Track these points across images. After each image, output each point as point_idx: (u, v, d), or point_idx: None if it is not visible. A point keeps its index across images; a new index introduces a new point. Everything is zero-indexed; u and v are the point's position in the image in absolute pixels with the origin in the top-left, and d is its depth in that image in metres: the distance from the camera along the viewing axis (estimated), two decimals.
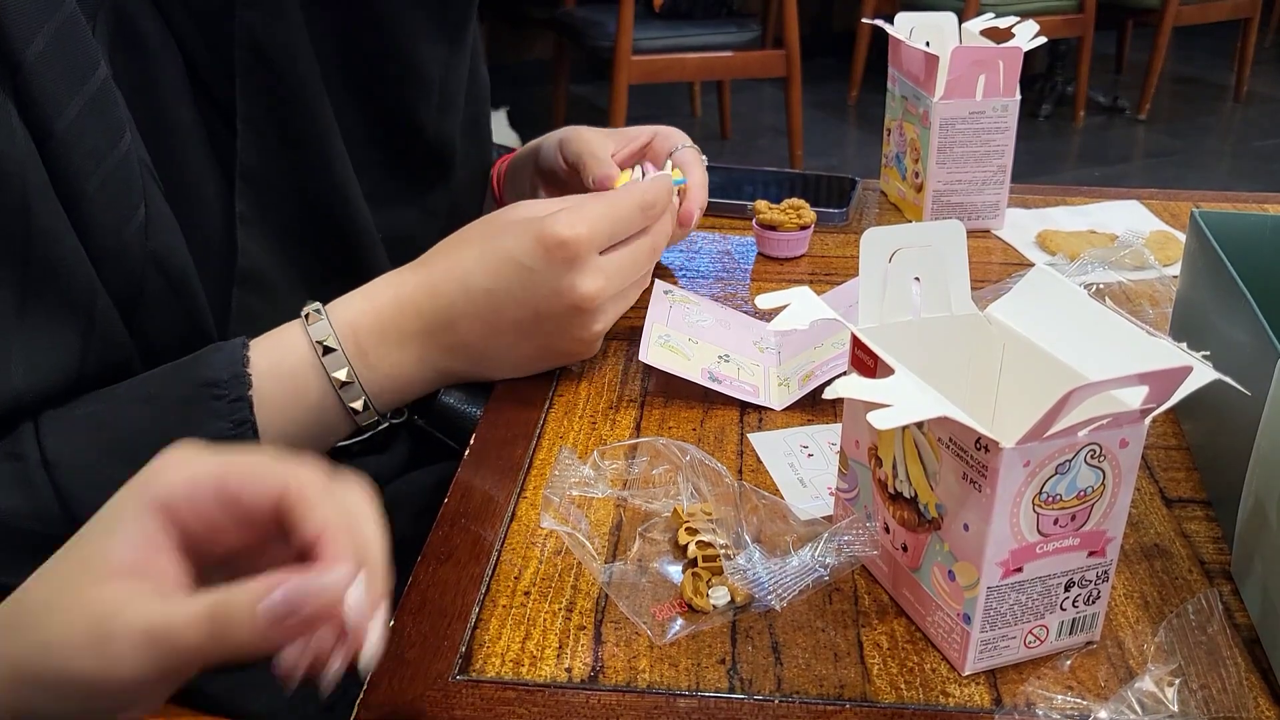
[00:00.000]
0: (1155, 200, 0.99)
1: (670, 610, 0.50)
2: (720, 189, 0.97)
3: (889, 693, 0.46)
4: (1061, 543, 0.45)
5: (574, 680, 0.47)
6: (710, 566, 0.51)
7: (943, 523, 0.46)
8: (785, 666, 0.47)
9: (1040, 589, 0.46)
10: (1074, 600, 0.47)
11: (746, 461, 0.61)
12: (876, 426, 0.42)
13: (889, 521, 0.50)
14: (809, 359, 0.69)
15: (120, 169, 0.55)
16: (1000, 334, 0.52)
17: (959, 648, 0.47)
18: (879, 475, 0.50)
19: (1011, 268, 0.86)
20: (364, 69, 0.66)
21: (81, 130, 0.53)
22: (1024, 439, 0.42)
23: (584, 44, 3.11)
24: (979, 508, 0.44)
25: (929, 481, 0.47)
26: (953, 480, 0.45)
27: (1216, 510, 0.58)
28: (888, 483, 0.50)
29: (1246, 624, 0.50)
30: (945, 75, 0.87)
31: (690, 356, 0.70)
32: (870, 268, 0.51)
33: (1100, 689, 0.46)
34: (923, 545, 0.48)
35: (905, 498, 0.49)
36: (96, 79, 0.53)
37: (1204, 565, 0.54)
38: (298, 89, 0.62)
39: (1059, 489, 0.44)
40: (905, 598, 0.50)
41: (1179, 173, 3.46)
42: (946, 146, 0.89)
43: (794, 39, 2.93)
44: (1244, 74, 4.17)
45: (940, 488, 0.46)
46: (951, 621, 0.47)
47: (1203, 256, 0.62)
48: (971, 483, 0.44)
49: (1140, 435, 0.44)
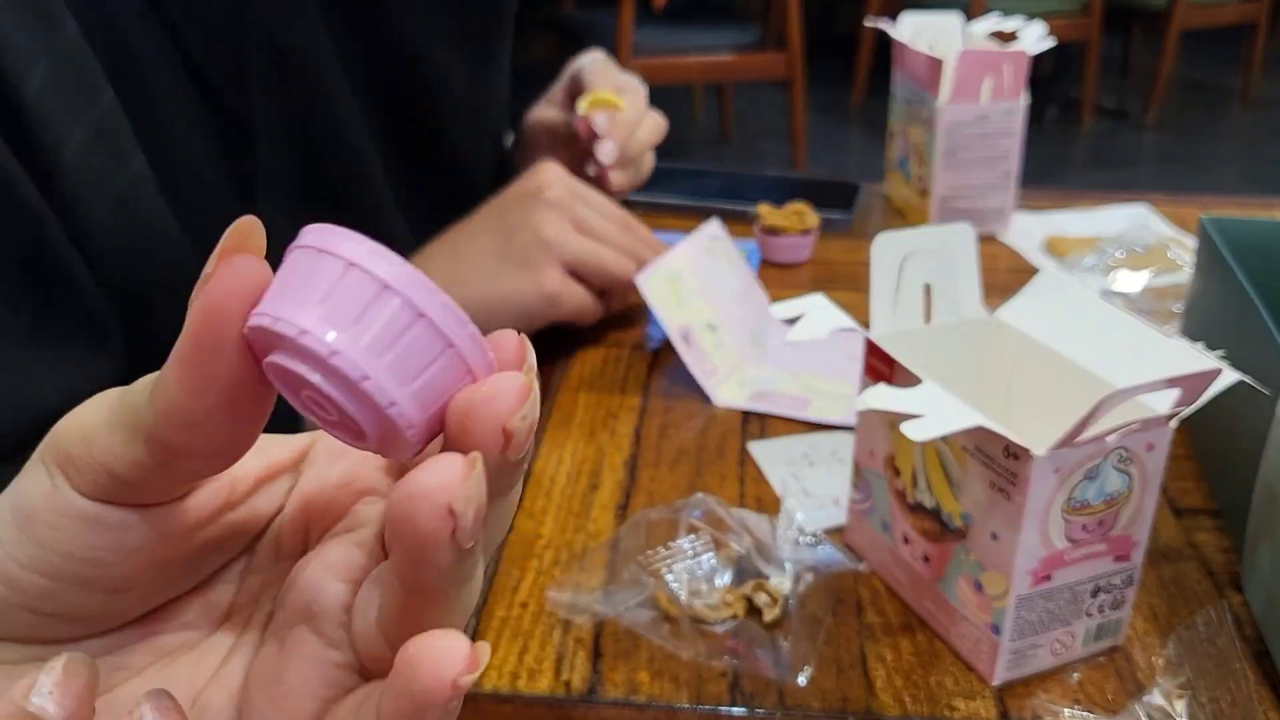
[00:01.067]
0: (1163, 205, 0.98)
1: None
2: (722, 193, 0.97)
3: (894, 706, 0.46)
4: (1090, 549, 0.45)
5: (572, 694, 0.46)
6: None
7: (968, 533, 0.45)
8: (788, 679, 0.47)
9: (1068, 596, 0.45)
10: (1100, 606, 0.47)
11: (748, 471, 0.61)
12: (911, 438, 0.41)
13: (909, 533, 0.49)
14: (776, 381, 0.68)
15: (131, 194, 0.54)
16: (1011, 337, 0.52)
17: (987, 659, 0.46)
18: (897, 486, 0.49)
19: (1019, 274, 0.86)
20: (388, 81, 0.66)
21: (90, 158, 0.52)
22: (1056, 446, 0.41)
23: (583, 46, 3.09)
24: (1008, 516, 0.43)
25: (953, 491, 0.46)
26: (979, 489, 0.44)
27: (1225, 520, 0.57)
28: (907, 493, 0.49)
29: (1256, 636, 0.49)
30: (950, 78, 0.87)
31: (683, 304, 0.69)
32: (881, 273, 0.50)
33: (1108, 702, 0.46)
34: (946, 556, 0.47)
35: (926, 508, 0.48)
36: (102, 104, 0.53)
37: (1213, 576, 0.53)
38: (319, 98, 0.62)
39: (1088, 495, 0.43)
40: (927, 609, 0.49)
41: (1187, 177, 3.45)
42: (952, 151, 0.88)
43: (796, 41, 2.92)
44: (1252, 78, 4.16)
45: (965, 497, 0.45)
46: (979, 632, 0.46)
47: (1211, 263, 0.61)
48: (1000, 491, 0.43)
49: (1166, 439, 0.44)
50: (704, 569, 0.52)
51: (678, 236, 0.95)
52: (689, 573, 0.51)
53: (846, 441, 0.62)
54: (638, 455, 0.62)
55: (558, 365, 0.71)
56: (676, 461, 0.61)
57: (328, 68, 0.62)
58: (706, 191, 0.97)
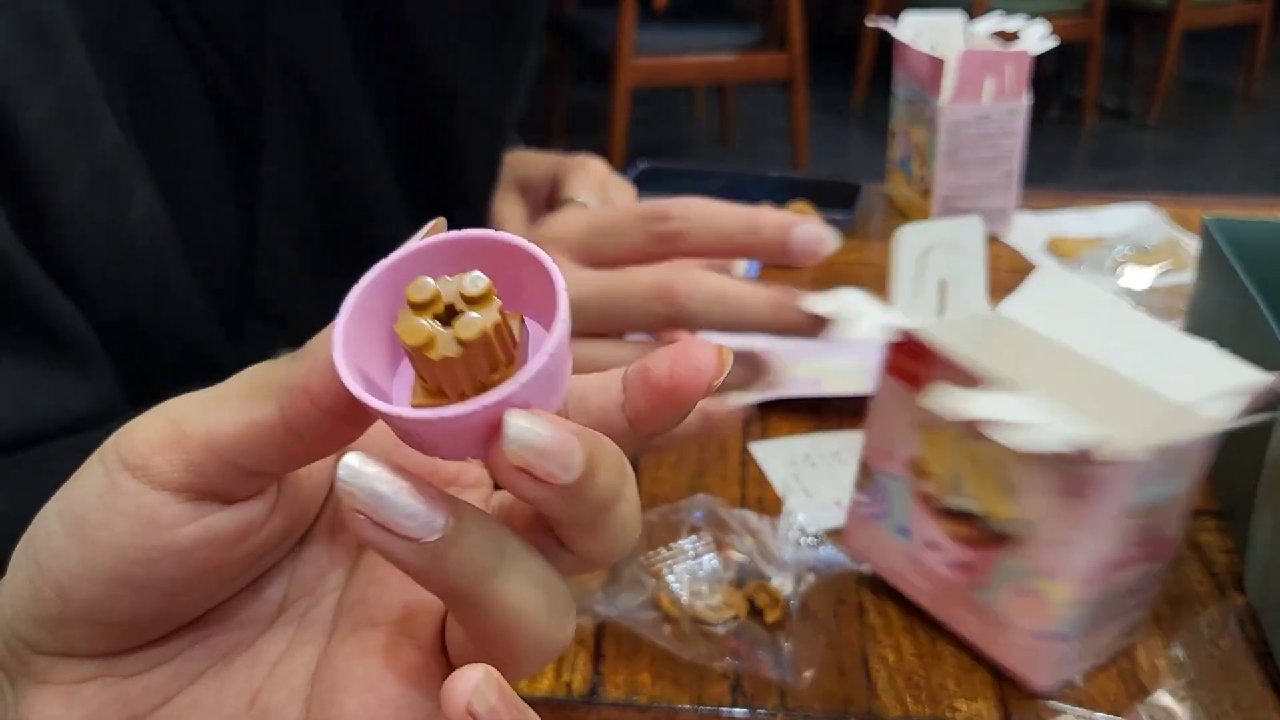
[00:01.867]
0: (1165, 205, 0.98)
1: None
2: (723, 193, 0.97)
3: (895, 707, 0.45)
4: (1141, 551, 0.44)
5: (574, 695, 0.46)
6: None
7: (1023, 539, 0.44)
8: (790, 680, 0.47)
9: (1116, 598, 0.45)
10: (1133, 606, 0.47)
11: (750, 472, 0.60)
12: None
13: (939, 539, 0.47)
14: (785, 369, 0.68)
15: (134, 233, 0.54)
16: (1015, 332, 0.51)
17: (1039, 665, 0.45)
18: (924, 489, 0.48)
19: (1020, 274, 0.85)
20: (408, 104, 0.65)
21: (89, 196, 0.52)
22: (1139, 453, 0.41)
23: (583, 46, 3.10)
24: (1080, 522, 0.42)
25: (1006, 496, 0.44)
26: (1043, 494, 0.43)
27: (1228, 521, 0.57)
28: (937, 498, 0.47)
29: (1260, 638, 0.49)
30: (952, 78, 0.86)
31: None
32: (904, 266, 0.49)
33: (1112, 704, 0.45)
34: (990, 563, 0.46)
35: (964, 513, 0.46)
36: (105, 140, 0.52)
37: (1216, 577, 0.53)
38: (335, 120, 0.61)
39: (1149, 498, 0.43)
40: (959, 616, 0.48)
41: (1189, 177, 3.45)
42: (953, 150, 0.88)
43: (797, 41, 2.91)
44: (1254, 78, 4.16)
45: (1024, 501, 0.44)
46: (1027, 640, 0.45)
47: (1214, 263, 0.61)
48: (1074, 496, 0.42)
49: (1215, 442, 0.44)
50: (705, 570, 0.51)
51: None
52: (690, 573, 0.51)
53: (848, 442, 0.62)
54: (639, 456, 0.62)
55: None
56: (678, 462, 0.61)
57: (345, 87, 0.61)
58: (707, 192, 0.97)
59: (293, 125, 0.60)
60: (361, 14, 0.59)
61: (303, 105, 0.60)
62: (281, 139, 0.60)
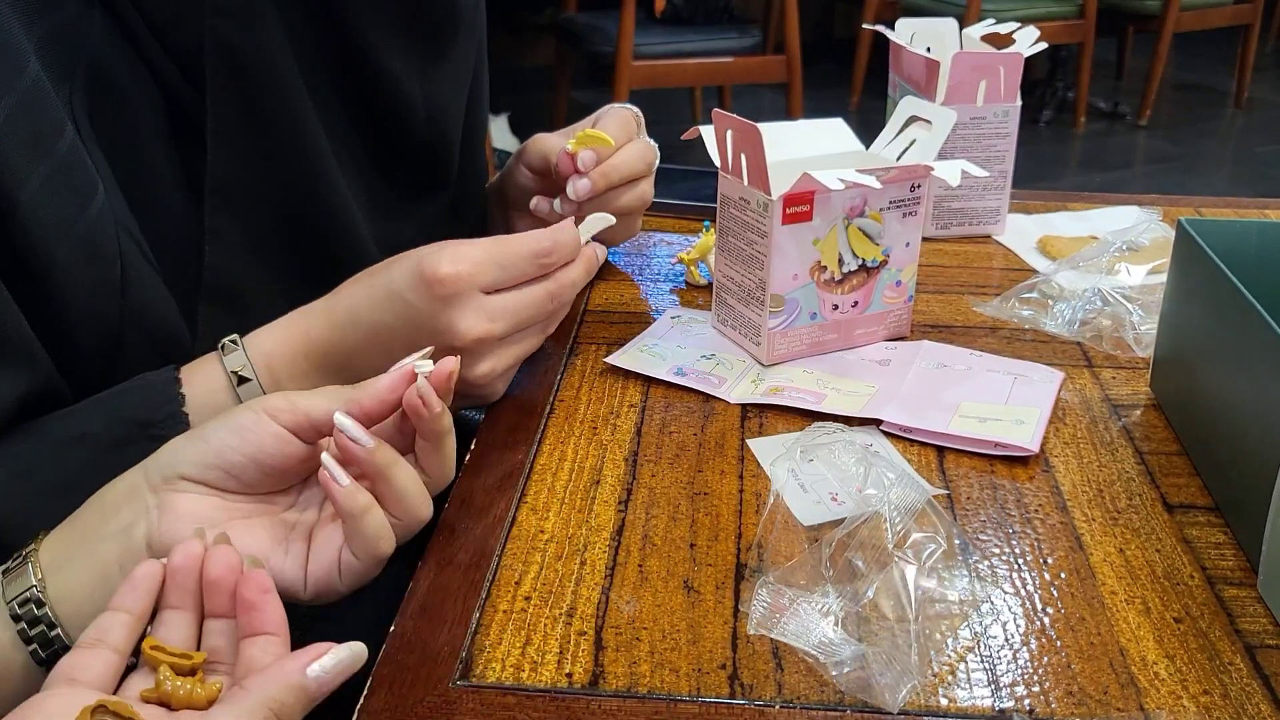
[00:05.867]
0: (1156, 206, 0.99)
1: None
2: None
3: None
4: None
5: (575, 686, 0.47)
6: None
7: (890, 258, 0.72)
8: (786, 672, 0.47)
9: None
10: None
11: (747, 467, 0.61)
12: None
13: (838, 300, 0.71)
14: (793, 377, 0.69)
15: (93, 231, 0.55)
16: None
17: (908, 318, 0.75)
18: (824, 278, 0.70)
19: (1013, 273, 0.86)
20: (345, 80, 0.66)
21: (49, 197, 0.53)
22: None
23: (585, 49, 3.11)
24: (915, 221, 0.72)
25: (870, 243, 0.71)
26: (895, 224, 0.71)
27: (1227, 515, 0.57)
28: (835, 273, 0.70)
29: (1248, 630, 0.50)
30: (946, 81, 0.87)
31: (666, 358, 0.70)
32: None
33: (1103, 695, 0.46)
34: (874, 284, 0.72)
35: (852, 270, 0.71)
36: (63, 144, 0.53)
37: (1205, 570, 0.54)
38: (275, 98, 0.62)
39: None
40: (856, 335, 0.73)
41: (1180, 178, 3.47)
42: (948, 152, 0.89)
43: (795, 44, 2.93)
44: (1244, 80, 4.18)
45: (885, 238, 0.71)
46: (900, 306, 0.74)
47: (1195, 264, 0.62)
48: (910, 215, 0.71)
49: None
50: None
51: (678, 237, 0.96)
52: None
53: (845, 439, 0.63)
54: (639, 451, 0.63)
55: (561, 364, 0.72)
56: (677, 457, 0.62)
57: (284, 68, 0.62)
58: (707, 193, 0.98)
59: (232, 109, 0.61)
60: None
61: (241, 86, 0.61)
62: (224, 123, 0.61)
